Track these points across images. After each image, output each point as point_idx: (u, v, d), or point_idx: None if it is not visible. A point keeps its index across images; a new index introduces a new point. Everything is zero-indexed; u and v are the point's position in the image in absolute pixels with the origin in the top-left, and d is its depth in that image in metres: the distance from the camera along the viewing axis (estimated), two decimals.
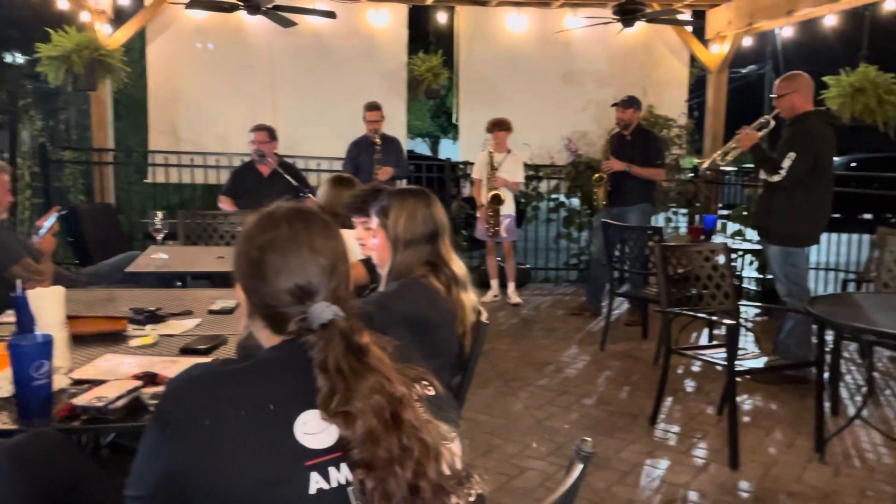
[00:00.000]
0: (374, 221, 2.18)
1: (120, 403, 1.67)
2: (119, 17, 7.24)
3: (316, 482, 1.05)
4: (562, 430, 3.71)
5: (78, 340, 2.19)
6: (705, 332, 5.25)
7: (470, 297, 2.16)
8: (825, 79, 5.98)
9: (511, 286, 6.59)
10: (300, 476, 1.05)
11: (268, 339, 1.24)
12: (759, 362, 3.77)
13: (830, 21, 6.10)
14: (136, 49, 8.29)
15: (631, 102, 5.79)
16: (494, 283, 6.64)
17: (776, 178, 4.19)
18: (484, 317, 2.29)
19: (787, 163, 4.14)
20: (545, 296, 7.00)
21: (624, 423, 3.79)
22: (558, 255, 7.62)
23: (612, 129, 5.93)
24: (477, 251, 7.70)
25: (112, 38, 6.72)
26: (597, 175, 5.94)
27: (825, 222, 4.38)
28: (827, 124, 4.25)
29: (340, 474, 1.08)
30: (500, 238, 6.37)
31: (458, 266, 2.16)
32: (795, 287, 4.29)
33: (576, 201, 7.56)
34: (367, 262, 2.62)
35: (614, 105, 5.88)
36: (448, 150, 19.00)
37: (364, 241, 2.65)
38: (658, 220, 7.49)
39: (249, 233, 1.25)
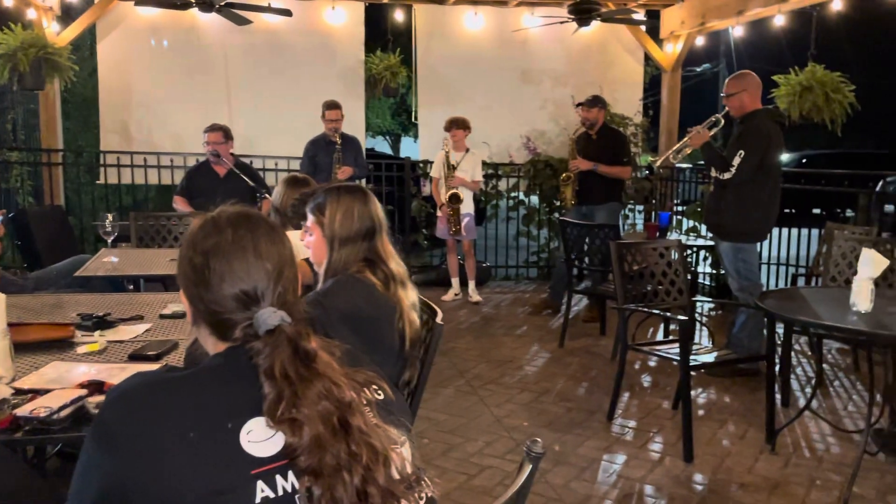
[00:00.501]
0: (310, 219, 2.15)
1: (64, 413, 1.63)
2: (68, 15, 7.06)
3: (261, 490, 1.04)
4: (521, 427, 3.73)
5: (23, 348, 2.13)
6: (662, 327, 5.34)
7: (409, 295, 2.14)
8: (775, 77, 6.13)
9: (472, 284, 6.61)
10: (245, 485, 1.03)
11: (213, 345, 1.22)
12: (713, 357, 3.84)
13: (780, 21, 6.24)
14: (85, 47, 8.10)
15: (596, 102, 5.86)
16: (455, 281, 6.66)
17: (727, 176, 4.28)
18: (439, 318, 2.28)
19: (736, 160, 4.23)
20: (505, 293, 7.03)
21: (582, 419, 3.83)
22: (518, 253, 7.66)
23: (578, 129, 5.98)
24: (438, 250, 7.71)
25: (60, 35, 6.55)
26: (564, 175, 5.98)
27: (774, 218, 4.49)
28: (774, 122, 4.35)
29: (287, 482, 1.06)
30: (460, 237, 6.39)
31: (396, 263, 2.15)
32: (747, 282, 4.39)
33: (535, 199, 7.61)
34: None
35: (579, 105, 5.93)
36: (409, 148, 18.96)
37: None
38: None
39: (193, 238, 1.22)
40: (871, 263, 2.95)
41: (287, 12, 6.26)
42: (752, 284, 4.38)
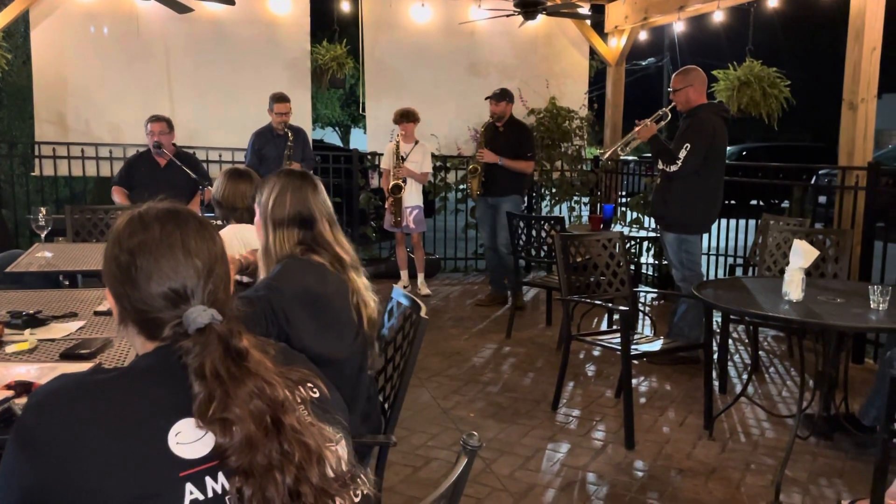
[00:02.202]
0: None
1: None
2: (0, 1, 6.79)
3: (190, 493, 1.02)
4: (467, 418, 3.76)
5: None
6: (606, 317, 5.43)
7: (362, 280, 2.15)
8: (714, 72, 6.28)
9: (420, 277, 6.61)
10: (173, 488, 1.01)
11: (142, 345, 1.19)
12: (654, 346, 3.93)
13: (719, 17, 6.39)
14: (18, 33, 7.79)
15: (503, 95, 5.94)
16: (404, 273, 6.65)
17: (673, 168, 4.38)
18: (423, 311, 2.28)
19: (683, 153, 4.33)
20: (454, 285, 7.06)
21: (527, 409, 3.88)
22: (467, 245, 7.70)
23: (487, 121, 6.06)
24: (386, 242, 7.68)
25: None
26: (471, 167, 6.08)
27: (718, 210, 4.61)
28: (719, 116, 4.47)
29: (217, 483, 1.05)
30: (408, 229, 6.38)
31: (345, 250, 2.15)
32: (689, 272, 4.50)
33: None
34: None
35: (488, 98, 6.00)
36: (359, 139, 18.85)
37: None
38: (561, 210, 7.69)
39: (119, 235, 1.19)
40: (801, 254, 3.06)
41: (230, 1, 6.13)
42: (694, 275, 4.50)
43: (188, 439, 1.05)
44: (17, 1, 6.47)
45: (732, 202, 8.59)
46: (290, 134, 5.88)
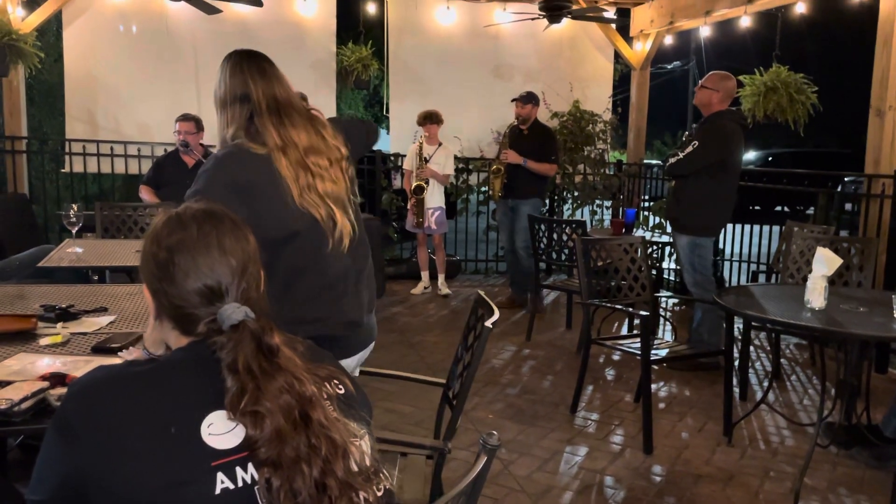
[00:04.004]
0: None
1: (25, 405, 1.64)
2: (34, 0, 6.93)
3: (221, 482, 1.06)
4: (486, 419, 3.78)
5: None
6: (627, 322, 5.43)
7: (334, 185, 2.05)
8: (741, 77, 6.24)
9: (441, 278, 6.65)
10: (205, 477, 1.06)
11: (176, 339, 1.24)
12: (674, 351, 3.92)
13: (746, 22, 6.36)
14: (51, 32, 7.96)
15: (529, 98, 5.96)
16: (425, 274, 6.69)
17: (672, 160, 4.42)
18: (490, 321, 2.15)
19: (689, 148, 4.35)
20: (475, 287, 7.08)
21: (546, 412, 3.90)
22: (488, 247, 7.72)
23: (512, 123, 6.08)
24: (408, 243, 7.73)
25: (25, 21, 6.43)
26: (494, 167, 6.09)
27: (730, 214, 4.61)
28: (736, 123, 4.46)
29: (247, 474, 1.09)
30: (430, 230, 6.42)
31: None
32: (700, 276, 4.49)
33: None
34: None
35: (514, 100, 6.02)
36: (383, 139, 18.97)
37: None
38: (583, 213, 7.69)
39: (157, 234, 1.24)
40: (824, 262, 3.04)
41: (258, 2, 6.20)
42: (705, 279, 4.49)
43: (220, 430, 1.09)
44: (50, 1, 6.61)
45: (757, 208, 8.55)
46: None
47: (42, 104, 8.89)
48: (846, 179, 7.42)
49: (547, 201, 7.17)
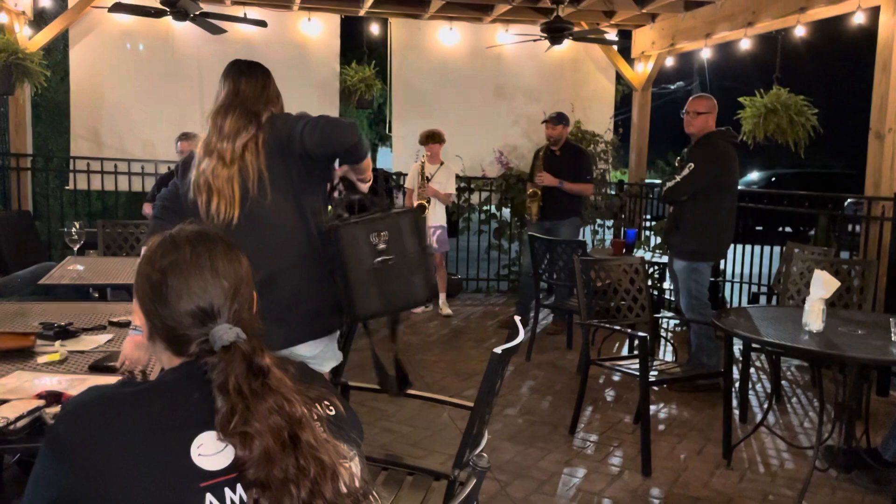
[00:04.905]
0: None
1: (21, 424, 1.65)
2: (41, 18, 7.02)
3: (210, 503, 1.07)
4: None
5: None
6: (627, 342, 5.42)
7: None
8: (741, 99, 6.27)
9: (442, 297, 6.65)
10: (193, 497, 1.06)
11: (168, 360, 1.25)
12: (673, 373, 3.92)
13: (746, 45, 6.40)
14: (58, 50, 8.04)
15: (561, 119, 5.96)
16: None
17: (669, 184, 4.42)
18: (499, 348, 2.11)
19: (685, 171, 4.35)
20: (476, 306, 7.09)
21: (545, 433, 3.89)
22: (489, 266, 7.73)
23: (543, 145, 6.08)
24: None
25: (32, 40, 6.50)
26: (531, 190, 6.05)
27: (731, 238, 4.61)
28: (729, 143, 4.48)
29: (235, 494, 1.09)
30: (431, 249, 6.42)
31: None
32: (695, 301, 4.49)
33: (507, 213, 7.70)
34: None
35: (545, 122, 6.03)
36: (385, 158, 19.00)
37: None
38: (584, 233, 7.70)
39: (151, 255, 1.25)
40: (822, 284, 3.05)
41: (262, 23, 6.29)
42: (699, 304, 4.49)
43: (209, 451, 1.10)
44: (57, 20, 6.69)
45: (759, 228, 8.55)
46: None
47: (48, 122, 8.96)
48: (848, 201, 7.43)
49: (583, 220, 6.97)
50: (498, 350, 2.11)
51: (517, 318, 2.23)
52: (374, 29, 7.47)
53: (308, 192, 2.24)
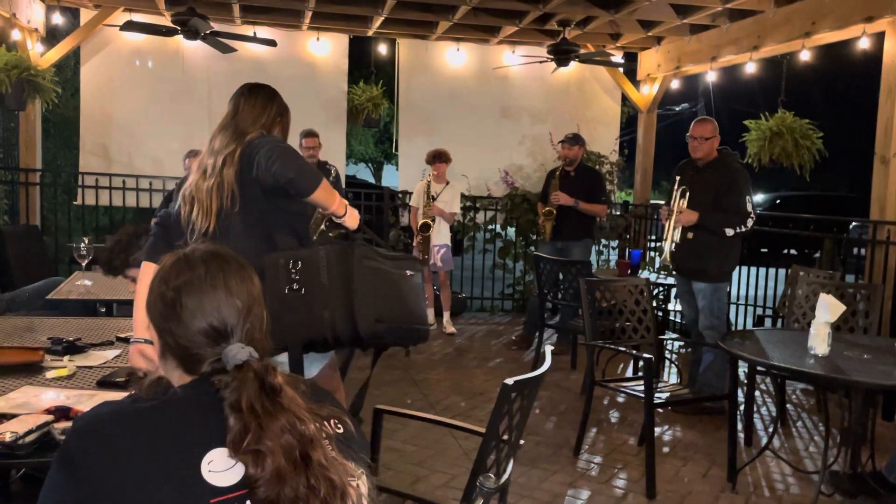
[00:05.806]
0: None
1: (29, 439, 1.65)
2: (53, 35, 7.11)
3: None
4: None
5: None
6: (632, 363, 5.41)
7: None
8: (746, 122, 6.31)
9: (446, 315, 6.65)
10: None
11: (179, 378, 1.26)
12: (678, 395, 3.91)
13: (751, 68, 6.44)
14: (69, 67, 8.13)
15: (576, 140, 6.01)
16: (430, 311, 6.70)
17: (750, 223, 4.34)
18: (510, 380, 2.09)
19: (749, 206, 4.32)
20: (480, 325, 7.08)
21: (549, 454, 3.87)
22: (494, 285, 7.74)
23: (558, 166, 6.12)
24: None
25: (44, 57, 6.59)
26: (546, 209, 6.07)
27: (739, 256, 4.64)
28: (738, 162, 4.53)
29: None
30: (435, 268, 6.45)
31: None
32: (717, 321, 4.48)
33: (512, 232, 7.72)
34: None
35: (561, 142, 6.08)
36: (391, 176, 19.10)
37: None
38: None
39: (165, 274, 1.27)
40: (827, 308, 3.05)
41: (272, 42, 6.35)
42: (721, 323, 4.49)
43: (220, 468, 1.11)
44: (69, 38, 6.78)
45: (764, 250, 8.55)
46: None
47: (57, 137, 9.05)
48: (853, 225, 7.43)
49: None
50: (510, 381, 2.04)
51: (549, 349, 2.19)
52: (382, 49, 7.55)
53: (272, 210, 2.29)
